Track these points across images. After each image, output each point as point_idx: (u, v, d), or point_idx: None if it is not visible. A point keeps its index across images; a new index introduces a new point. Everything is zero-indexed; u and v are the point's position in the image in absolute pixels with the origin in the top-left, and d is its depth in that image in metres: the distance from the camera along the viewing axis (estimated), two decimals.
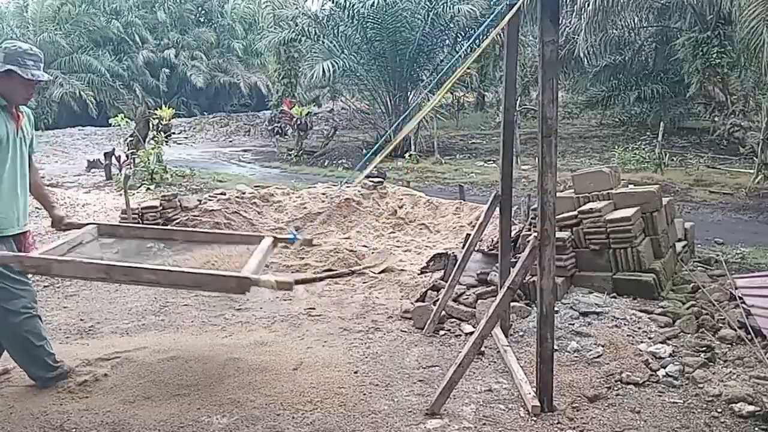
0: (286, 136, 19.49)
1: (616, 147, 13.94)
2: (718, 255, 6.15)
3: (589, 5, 13.77)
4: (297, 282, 3.10)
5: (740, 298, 4.17)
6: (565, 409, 3.21)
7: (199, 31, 30.25)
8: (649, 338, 3.98)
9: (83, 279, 3.36)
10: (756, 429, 3.02)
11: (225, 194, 7.66)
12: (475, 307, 4.53)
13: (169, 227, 4.33)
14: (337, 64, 16.55)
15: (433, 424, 3.12)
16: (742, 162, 12.30)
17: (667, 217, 5.36)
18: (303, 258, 6.50)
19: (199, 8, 31.18)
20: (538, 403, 3.18)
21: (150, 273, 3.18)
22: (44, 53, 3.58)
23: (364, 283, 5.74)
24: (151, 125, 14.32)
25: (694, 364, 3.59)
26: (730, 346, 3.84)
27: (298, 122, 17.41)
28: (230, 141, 22.44)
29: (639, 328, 4.10)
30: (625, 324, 4.14)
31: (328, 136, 18.76)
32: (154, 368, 3.80)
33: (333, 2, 17.38)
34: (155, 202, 7.17)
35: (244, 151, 19.44)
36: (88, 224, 4.00)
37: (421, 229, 7.51)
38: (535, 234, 3.15)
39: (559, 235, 4.59)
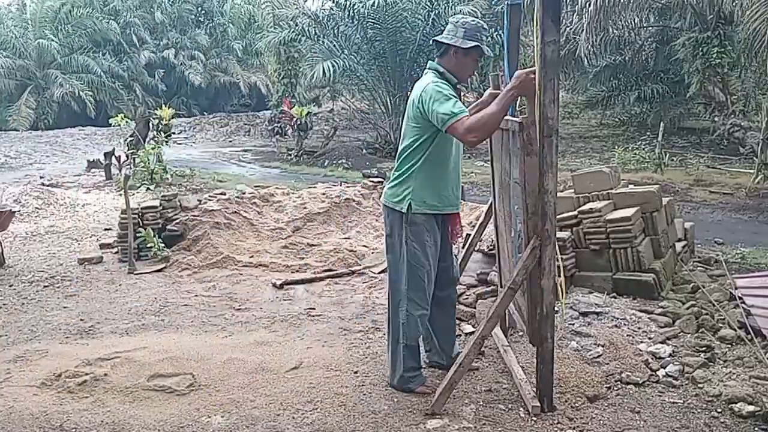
0: (286, 136, 19.48)
1: (616, 147, 13.94)
2: (718, 255, 6.14)
3: (590, 5, 13.77)
4: None
5: (740, 298, 4.17)
6: (565, 409, 3.21)
7: (198, 31, 30.24)
8: (649, 338, 3.98)
9: None
10: (756, 429, 3.02)
11: (225, 194, 7.65)
12: (475, 307, 4.53)
13: None
14: (337, 64, 16.54)
15: (433, 424, 3.12)
16: (742, 162, 12.30)
17: (667, 217, 5.36)
18: (303, 258, 6.50)
19: (199, 8, 31.14)
20: (538, 403, 3.18)
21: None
22: (44, 54, 3.49)
23: (364, 283, 5.75)
24: (151, 125, 14.32)
25: (694, 364, 3.59)
26: (730, 346, 3.84)
27: (298, 122, 17.40)
28: (230, 141, 22.42)
29: (639, 328, 4.10)
30: (625, 324, 4.14)
31: (328, 136, 18.75)
32: (154, 368, 3.80)
33: (333, 2, 17.37)
34: (155, 202, 7.16)
35: (244, 151, 19.44)
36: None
37: None
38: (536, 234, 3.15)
39: (559, 235, 4.59)
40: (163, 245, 6.60)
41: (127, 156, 12.63)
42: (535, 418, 3.14)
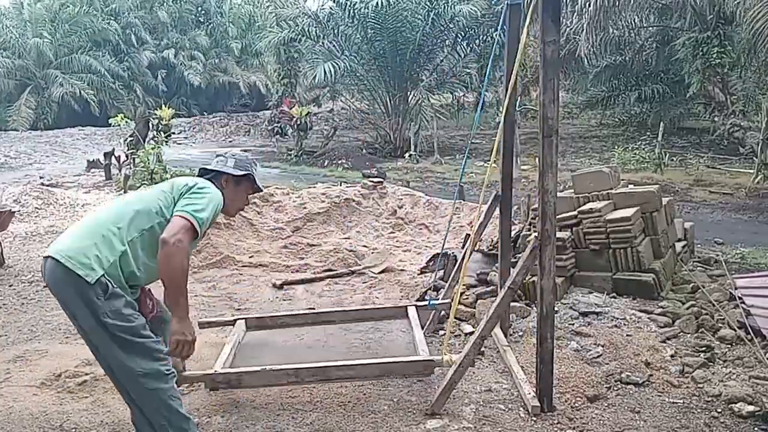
0: (286, 136, 19.48)
1: (616, 147, 13.94)
2: (718, 255, 6.14)
3: (590, 6, 13.77)
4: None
5: (740, 298, 4.17)
6: (565, 409, 3.21)
7: (198, 31, 30.24)
8: (649, 338, 3.97)
9: (273, 386, 3.37)
10: (756, 429, 3.02)
11: None
12: (475, 307, 4.53)
13: (314, 311, 4.37)
14: (337, 64, 16.54)
15: (433, 424, 3.12)
16: (742, 162, 12.30)
17: (667, 217, 5.36)
18: (303, 258, 6.50)
19: (199, 8, 31.16)
20: (538, 403, 3.18)
21: (340, 370, 3.25)
22: (42, 54, 3.46)
23: (364, 283, 5.74)
24: (150, 125, 14.31)
25: (694, 364, 3.59)
26: (729, 346, 3.84)
27: (298, 122, 17.40)
28: (230, 141, 22.43)
29: (639, 328, 4.10)
30: (625, 324, 4.14)
31: (328, 136, 18.75)
32: None
33: (333, 2, 17.37)
34: None
35: (244, 151, 19.42)
36: (236, 320, 4.07)
37: (420, 229, 7.51)
38: (536, 234, 3.15)
39: (559, 235, 4.59)
40: None
41: (126, 156, 12.62)
42: (535, 418, 3.13)
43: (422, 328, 3.88)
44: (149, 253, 2.60)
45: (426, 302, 4.20)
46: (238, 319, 4.11)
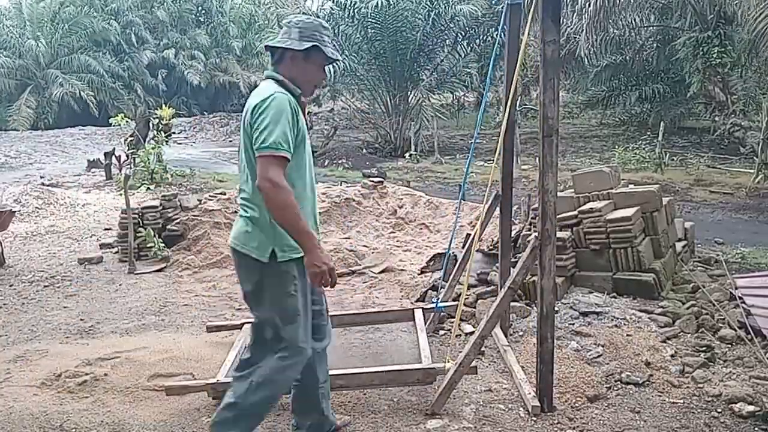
0: None
1: (617, 147, 13.95)
2: (718, 255, 6.14)
3: (590, 5, 13.77)
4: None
5: (740, 298, 4.17)
6: (565, 409, 3.21)
7: (198, 31, 30.23)
8: (649, 338, 3.97)
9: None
10: (756, 429, 3.01)
11: (225, 194, 7.65)
12: (475, 307, 4.53)
13: None
14: (337, 64, 16.53)
15: (433, 424, 3.12)
16: (742, 162, 12.30)
17: (667, 217, 5.36)
18: None
19: (199, 8, 31.15)
20: (538, 403, 3.18)
21: (339, 379, 3.21)
22: (43, 54, 3.45)
23: (364, 283, 5.74)
24: (151, 125, 14.31)
25: (694, 364, 3.59)
26: (730, 346, 3.84)
27: None
28: (230, 141, 22.43)
29: (639, 328, 4.10)
30: (625, 324, 4.14)
31: (328, 135, 18.76)
32: (154, 368, 3.80)
33: (333, 2, 17.38)
34: (155, 202, 7.16)
35: None
36: (243, 324, 4.04)
37: (421, 228, 7.50)
38: (536, 234, 3.15)
39: (559, 234, 4.59)
40: (163, 245, 6.60)
41: (127, 156, 12.63)
42: (535, 418, 3.13)
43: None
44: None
45: (433, 305, 4.20)
46: (246, 322, 4.10)
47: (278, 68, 2.65)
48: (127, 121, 13.40)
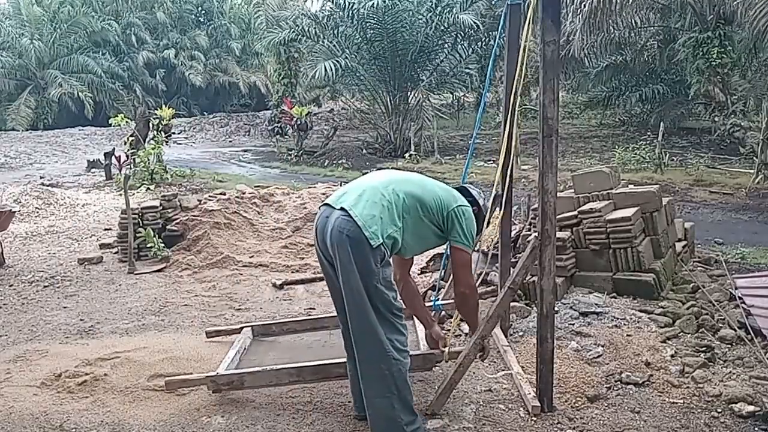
0: (286, 136, 19.47)
1: (617, 147, 13.93)
2: (718, 255, 6.14)
3: (585, 6, 13.77)
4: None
5: (740, 298, 4.17)
6: (565, 409, 3.21)
7: (198, 32, 30.23)
8: (649, 338, 3.97)
9: (276, 385, 3.43)
10: (756, 429, 3.02)
11: (225, 194, 7.65)
12: None
13: (318, 316, 4.40)
14: (338, 63, 16.55)
15: (433, 424, 3.12)
16: (742, 162, 12.29)
17: (667, 217, 5.36)
18: (303, 258, 6.50)
19: (199, 8, 31.15)
20: (538, 403, 3.18)
21: (339, 368, 3.28)
22: (42, 54, 3.44)
23: None
24: (151, 125, 14.31)
25: (694, 364, 3.59)
26: (730, 346, 3.84)
27: (298, 122, 17.41)
28: (230, 141, 22.44)
29: (639, 328, 4.10)
30: (625, 324, 4.14)
31: (328, 136, 18.75)
32: (154, 368, 3.80)
33: (333, 2, 17.38)
34: (155, 202, 7.16)
35: (244, 151, 19.45)
36: (242, 327, 4.12)
37: None
38: (536, 234, 3.15)
39: (559, 235, 4.59)
40: (163, 245, 6.60)
41: (127, 156, 12.62)
42: (535, 418, 3.13)
43: None
44: (414, 235, 2.95)
45: (431, 303, 4.20)
46: (245, 326, 4.15)
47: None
48: (126, 122, 13.40)
